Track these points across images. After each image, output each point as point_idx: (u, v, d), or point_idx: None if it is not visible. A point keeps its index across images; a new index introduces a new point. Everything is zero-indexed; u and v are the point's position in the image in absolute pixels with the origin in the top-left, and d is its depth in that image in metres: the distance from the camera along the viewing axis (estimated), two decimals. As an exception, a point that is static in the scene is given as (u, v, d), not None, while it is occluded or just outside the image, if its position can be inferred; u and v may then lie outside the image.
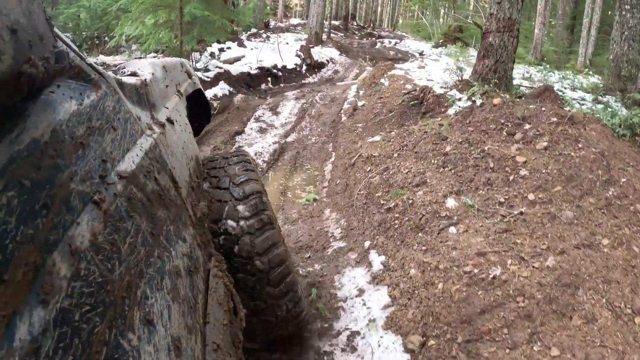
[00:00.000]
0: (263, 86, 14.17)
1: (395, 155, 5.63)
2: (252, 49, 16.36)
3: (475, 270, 3.53)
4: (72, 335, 0.79)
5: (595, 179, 4.67)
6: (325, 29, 23.01)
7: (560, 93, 12.72)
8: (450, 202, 4.47)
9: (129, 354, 0.96)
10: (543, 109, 5.69)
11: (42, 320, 0.73)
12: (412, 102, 9.58)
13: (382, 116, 9.85)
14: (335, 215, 5.45)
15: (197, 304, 1.54)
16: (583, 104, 11.70)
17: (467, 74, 10.64)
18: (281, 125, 10.09)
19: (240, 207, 2.49)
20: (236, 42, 16.56)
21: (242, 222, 2.46)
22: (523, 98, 9.80)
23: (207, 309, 1.69)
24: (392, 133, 8.33)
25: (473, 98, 9.11)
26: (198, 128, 3.24)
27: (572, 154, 4.93)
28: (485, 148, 5.01)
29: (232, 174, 2.60)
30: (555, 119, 5.42)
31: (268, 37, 20.37)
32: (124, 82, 1.61)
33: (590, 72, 17.66)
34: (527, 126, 5.35)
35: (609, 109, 10.34)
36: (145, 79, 1.93)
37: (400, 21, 45.23)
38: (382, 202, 4.82)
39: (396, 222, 4.46)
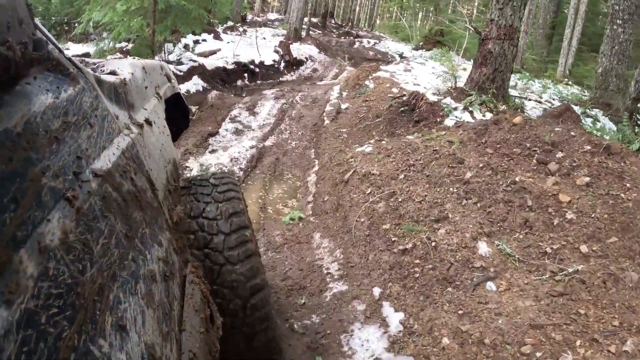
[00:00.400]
0: (239, 82, 13.25)
1: (402, 176, 4.81)
2: (228, 43, 15.38)
3: (538, 354, 2.72)
4: (38, 338, 0.74)
5: (653, 228, 3.98)
6: (305, 26, 22.15)
7: (549, 104, 12.46)
8: (483, 248, 3.70)
9: None
10: (572, 133, 4.96)
11: (5, 321, 0.69)
12: (402, 108, 8.86)
13: (369, 121, 9.16)
14: (328, 243, 4.63)
15: (172, 311, 1.49)
16: (573, 118, 11.45)
17: (460, 81, 10.00)
18: (259, 127, 9.22)
19: None
20: (212, 35, 15.55)
21: None
22: (519, 110, 9.23)
23: (183, 316, 1.63)
24: (384, 142, 7.59)
25: (470, 108, 8.48)
26: (176, 132, 3.13)
27: (622, 195, 4.22)
28: (517, 179, 4.25)
29: None
30: (589, 147, 4.70)
31: (245, 30, 19.43)
32: (102, 80, 1.56)
33: (570, 83, 17.87)
34: (559, 154, 4.60)
35: (603, 127, 9.87)
36: (124, 78, 1.85)
37: (378, 21, 44.73)
38: (392, 238, 4.01)
39: (416, 269, 3.65)
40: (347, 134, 8.74)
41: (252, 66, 14.19)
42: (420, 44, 25.13)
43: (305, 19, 22.69)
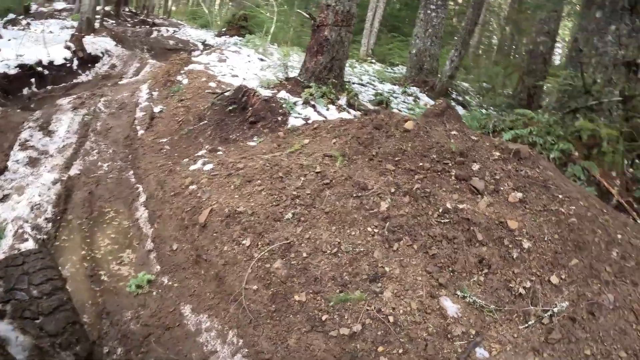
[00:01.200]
0: (25, 91, 10.76)
1: (289, 215, 3.66)
2: (9, 40, 12.69)
3: None
4: None
5: (598, 240, 3.66)
6: (98, 16, 19.72)
7: (372, 86, 12.29)
8: (450, 306, 3.00)
9: None
10: (473, 137, 4.29)
11: None
12: (230, 107, 7.58)
13: (191, 126, 7.79)
14: (211, 323, 3.37)
15: None
16: (397, 97, 12.02)
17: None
18: (58, 150, 7.24)
19: None
20: (-13, 32, 12.85)
21: None
22: (356, 97, 8.58)
23: None
24: (220, 153, 6.32)
25: (313, 102, 7.58)
26: None
27: (561, 209, 3.75)
28: (448, 205, 3.50)
29: None
30: (498, 154, 4.11)
31: (29, 24, 16.61)
32: None
33: (373, 61, 19.26)
34: (475, 166, 3.91)
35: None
36: None
37: (174, 8, 42.44)
38: (320, 315, 2.95)
39: (383, 359, 2.67)
40: (170, 145, 7.33)
41: (40, 68, 11.73)
42: (223, 30, 24.02)
43: (99, 8, 20.27)
